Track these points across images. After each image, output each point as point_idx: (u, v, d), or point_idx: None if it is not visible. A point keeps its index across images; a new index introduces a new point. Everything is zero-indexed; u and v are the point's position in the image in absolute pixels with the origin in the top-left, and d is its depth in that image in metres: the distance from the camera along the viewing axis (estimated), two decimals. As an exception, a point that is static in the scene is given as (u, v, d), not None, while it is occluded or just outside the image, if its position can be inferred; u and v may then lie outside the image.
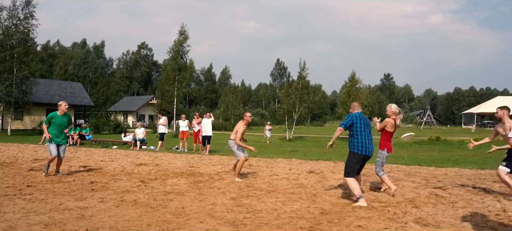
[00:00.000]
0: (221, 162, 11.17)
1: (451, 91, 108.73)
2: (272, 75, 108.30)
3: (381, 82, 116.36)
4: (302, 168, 9.93)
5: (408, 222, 4.78)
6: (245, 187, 7.07)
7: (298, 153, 15.60)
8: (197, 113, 17.95)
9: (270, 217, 4.97)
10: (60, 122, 8.11)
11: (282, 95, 34.66)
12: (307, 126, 67.34)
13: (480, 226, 4.70)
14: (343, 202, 6.00)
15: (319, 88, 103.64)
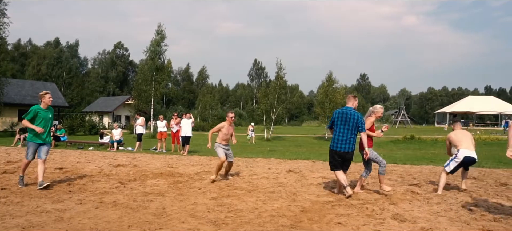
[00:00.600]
0: (200, 163, 11.14)
1: (424, 91, 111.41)
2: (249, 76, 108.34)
3: (357, 82, 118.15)
4: (281, 167, 10.01)
5: (385, 218, 4.90)
6: (226, 187, 7.09)
7: (276, 153, 15.70)
8: (175, 113, 17.82)
9: (251, 216, 5.01)
10: (45, 116, 6.79)
11: (260, 96, 34.78)
12: (285, 126, 67.81)
13: (454, 220, 4.87)
14: (323, 200, 6.09)
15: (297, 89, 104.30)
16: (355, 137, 6.21)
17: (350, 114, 6.18)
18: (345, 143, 6.14)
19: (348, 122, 6.15)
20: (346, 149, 6.16)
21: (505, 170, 9.87)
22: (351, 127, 6.15)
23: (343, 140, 6.15)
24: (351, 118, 6.15)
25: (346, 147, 6.15)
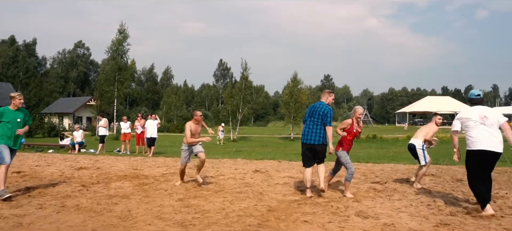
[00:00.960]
0: (165, 164, 11.00)
1: (385, 92, 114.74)
2: (215, 76, 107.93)
3: (321, 83, 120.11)
4: (248, 168, 10.06)
5: (350, 216, 5.04)
6: (192, 188, 7.05)
7: (243, 153, 15.74)
8: (139, 114, 17.51)
9: (219, 217, 5.02)
10: (13, 118, 6.23)
11: (226, 96, 34.77)
12: (251, 126, 67.95)
13: (414, 215, 5.08)
14: (289, 199, 6.18)
15: (262, 89, 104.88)
16: (323, 130, 6.12)
17: (318, 107, 6.20)
18: (312, 135, 6.15)
19: (315, 114, 6.18)
20: (313, 141, 6.14)
21: (460, 167, 10.34)
22: (316, 120, 6.15)
23: (310, 132, 6.17)
24: (317, 111, 6.17)
25: (313, 139, 6.14)
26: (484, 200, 5.06)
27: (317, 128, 6.15)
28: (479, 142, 5.12)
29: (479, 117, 5.22)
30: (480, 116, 5.22)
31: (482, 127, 5.16)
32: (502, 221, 4.81)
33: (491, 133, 5.13)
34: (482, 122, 5.18)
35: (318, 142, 6.14)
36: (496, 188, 7.15)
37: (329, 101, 6.33)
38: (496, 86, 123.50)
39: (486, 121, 5.19)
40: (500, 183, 7.82)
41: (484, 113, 5.24)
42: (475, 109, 5.35)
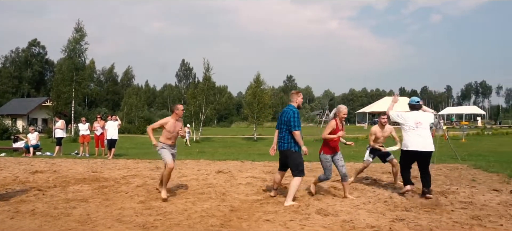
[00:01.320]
0: (126, 166, 10.78)
1: (346, 92, 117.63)
2: (177, 76, 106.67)
3: (284, 83, 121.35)
4: (211, 168, 10.04)
5: (311, 213, 5.16)
6: (154, 190, 6.96)
7: (206, 154, 15.68)
8: (98, 115, 17.04)
9: (181, 218, 5.00)
10: None
11: (188, 97, 34.43)
12: (214, 127, 67.71)
13: (372, 212, 5.27)
14: (252, 198, 6.24)
15: (225, 90, 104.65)
16: (285, 135, 5.88)
17: (284, 112, 6.01)
18: (280, 141, 5.98)
19: (281, 119, 6.01)
20: (280, 147, 5.98)
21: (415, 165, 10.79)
22: (282, 126, 5.95)
23: (279, 138, 6.00)
24: (282, 118, 5.99)
25: (280, 145, 5.98)
26: (406, 182, 6.47)
27: (283, 134, 5.95)
28: (411, 144, 6.13)
29: (414, 122, 6.15)
30: (415, 121, 6.15)
31: (415, 131, 6.13)
32: (453, 215, 5.08)
33: (422, 135, 6.09)
34: (416, 127, 6.12)
35: (283, 148, 5.93)
36: (447, 184, 7.54)
37: (299, 102, 6.08)
38: (450, 87, 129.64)
39: (420, 125, 6.13)
40: (452, 179, 8.24)
41: (419, 120, 6.17)
42: (412, 115, 6.24)
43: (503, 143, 23.54)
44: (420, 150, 6.08)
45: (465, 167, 10.31)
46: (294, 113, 5.87)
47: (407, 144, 6.20)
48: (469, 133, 31.16)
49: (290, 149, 5.86)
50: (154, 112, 74.54)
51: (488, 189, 6.93)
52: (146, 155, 15.25)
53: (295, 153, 5.85)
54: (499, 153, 15.69)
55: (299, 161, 5.85)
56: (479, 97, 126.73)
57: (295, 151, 5.85)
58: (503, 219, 4.85)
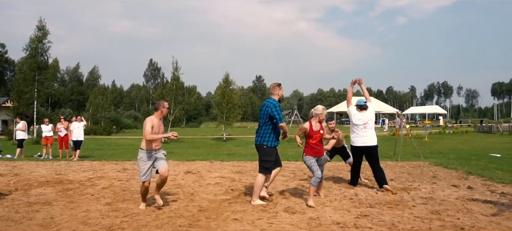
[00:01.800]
0: (92, 168, 10.53)
1: (315, 93, 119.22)
2: (145, 76, 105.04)
3: (253, 84, 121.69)
4: (179, 169, 9.96)
5: (278, 212, 5.24)
6: (121, 192, 6.85)
7: (174, 155, 15.52)
8: (62, 116, 16.55)
9: (149, 219, 4.96)
10: None
11: (156, 97, 33.96)
12: (183, 128, 67.03)
13: (338, 209, 5.41)
14: (220, 198, 6.26)
15: (194, 90, 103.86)
16: (263, 128, 5.72)
17: (264, 105, 5.83)
18: (256, 135, 5.84)
19: (260, 113, 5.84)
20: (255, 141, 5.85)
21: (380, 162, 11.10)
22: (260, 118, 5.81)
23: (256, 132, 5.86)
24: (262, 109, 5.81)
25: (255, 140, 5.84)
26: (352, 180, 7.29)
27: (258, 127, 5.81)
28: (357, 140, 6.88)
29: (362, 122, 6.84)
30: (363, 121, 6.85)
31: (363, 130, 6.83)
32: (414, 210, 5.28)
33: (367, 133, 6.81)
34: (364, 127, 6.82)
35: (256, 142, 5.83)
36: (410, 181, 7.82)
37: (280, 95, 5.89)
38: (414, 87, 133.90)
39: (367, 125, 6.84)
40: (414, 176, 8.54)
41: (366, 119, 6.86)
42: (360, 115, 6.90)
43: (462, 141, 24.56)
44: (366, 145, 6.82)
45: (427, 164, 10.71)
46: (275, 106, 5.68)
47: (354, 141, 6.93)
48: (431, 132, 32.27)
49: (262, 143, 5.71)
50: (121, 113, 73.01)
51: (448, 185, 7.24)
52: (113, 156, 14.96)
53: (267, 148, 5.70)
54: (459, 151, 16.38)
55: (267, 157, 5.71)
56: (441, 97, 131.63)
57: (266, 145, 5.70)
58: (460, 213, 5.09)
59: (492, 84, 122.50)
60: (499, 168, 9.59)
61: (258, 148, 5.82)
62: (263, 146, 5.73)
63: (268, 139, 5.71)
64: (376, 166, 6.88)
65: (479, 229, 4.37)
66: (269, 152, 5.73)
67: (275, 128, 5.75)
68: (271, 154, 5.75)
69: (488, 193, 6.51)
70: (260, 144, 5.75)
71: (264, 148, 5.73)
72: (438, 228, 4.40)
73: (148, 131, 5.42)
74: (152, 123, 5.51)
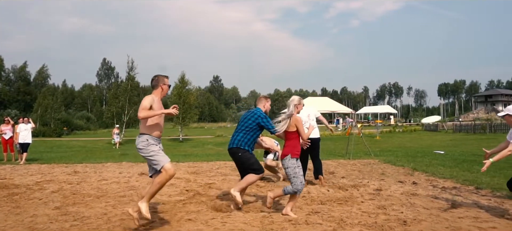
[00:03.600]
0: (40, 171, 10.11)
1: (272, 93, 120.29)
2: (98, 76, 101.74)
3: (210, 84, 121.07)
4: (133, 171, 9.80)
5: (232, 211, 5.31)
6: (71, 195, 6.65)
7: (129, 156, 15.19)
8: (7, 117, 15.74)
9: (100, 222, 4.87)
10: None
11: (110, 97, 33.02)
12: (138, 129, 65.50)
13: (283, 205, 5.54)
14: (175, 199, 6.24)
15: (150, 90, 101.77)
16: (239, 134, 5.47)
17: (250, 112, 5.62)
18: (231, 139, 5.57)
19: (244, 119, 5.61)
20: (229, 144, 5.59)
21: (333, 161, 11.49)
22: (241, 124, 5.58)
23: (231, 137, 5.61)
24: (246, 115, 5.60)
25: (230, 143, 5.57)
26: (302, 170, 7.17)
27: (235, 132, 5.57)
28: None
29: (306, 116, 7.22)
30: (307, 115, 7.29)
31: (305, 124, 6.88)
32: (362, 206, 5.53)
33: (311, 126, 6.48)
34: (306, 120, 7.15)
35: (230, 146, 5.56)
36: (360, 178, 8.14)
37: (266, 107, 5.68)
38: (367, 88, 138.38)
39: (309, 120, 7.31)
40: (364, 173, 8.90)
41: (308, 113, 7.38)
42: (305, 111, 7.16)
43: (411, 139, 25.78)
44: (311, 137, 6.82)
45: (377, 161, 11.18)
46: (266, 118, 5.45)
47: None
48: (383, 131, 33.59)
49: (239, 147, 5.41)
50: (72, 113, 70.27)
51: (394, 181, 7.62)
52: (63, 158, 14.43)
53: (244, 152, 5.42)
54: (407, 148, 17.19)
55: (250, 160, 5.41)
56: (392, 97, 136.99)
57: (244, 149, 5.42)
58: (404, 207, 5.39)
59: (439, 85, 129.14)
60: (441, 164, 10.19)
61: (233, 152, 5.49)
62: (239, 150, 5.42)
63: (245, 144, 5.43)
64: (317, 158, 7.61)
65: (420, 221, 4.66)
66: (248, 156, 5.43)
67: (255, 137, 5.53)
68: (250, 155, 5.45)
69: (431, 187, 6.92)
70: (237, 147, 5.43)
71: (240, 154, 5.43)
72: (383, 222, 4.63)
73: (144, 106, 4.32)
74: (151, 100, 4.46)
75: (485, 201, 5.72)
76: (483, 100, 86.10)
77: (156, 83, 4.64)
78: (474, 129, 31.70)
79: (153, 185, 4.39)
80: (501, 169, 9.00)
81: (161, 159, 4.27)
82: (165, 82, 4.66)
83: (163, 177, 4.28)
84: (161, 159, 4.27)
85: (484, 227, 4.40)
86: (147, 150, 4.32)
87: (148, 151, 4.31)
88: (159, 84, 4.63)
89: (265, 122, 5.42)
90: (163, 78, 4.65)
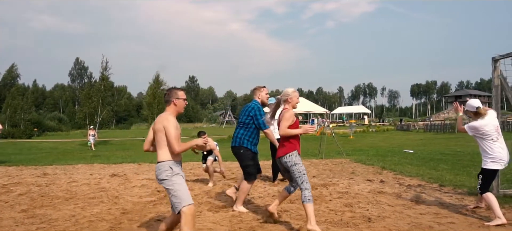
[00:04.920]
0: (7, 174, 9.86)
1: (248, 93, 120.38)
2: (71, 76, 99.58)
3: (186, 84, 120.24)
4: (105, 172, 9.69)
5: (202, 211, 5.36)
6: (39, 198, 6.54)
7: (101, 158, 14.97)
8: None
9: (68, 224, 4.83)
10: None
11: (82, 97, 32.40)
12: (112, 129, 64.43)
13: (260, 206, 5.64)
14: (145, 200, 6.23)
15: (125, 90, 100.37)
16: (239, 131, 5.34)
17: (246, 106, 5.48)
18: (233, 137, 5.45)
19: (240, 114, 5.54)
20: (231, 143, 5.46)
21: (306, 160, 11.65)
22: (240, 120, 5.45)
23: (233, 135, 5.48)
24: (243, 110, 5.45)
25: (232, 142, 5.44)
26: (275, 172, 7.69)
27: (236, 130, 5.44)
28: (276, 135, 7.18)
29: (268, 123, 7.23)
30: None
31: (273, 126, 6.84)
32: (330, 204, 5.67)
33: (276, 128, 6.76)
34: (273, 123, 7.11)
35: (232, 144, 5.40)
36: (330, 177, 8.31)
37: (262, 97, 5.45)
38: (342, 88, 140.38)
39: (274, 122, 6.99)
40: (335, 172, 9.08)
41: None
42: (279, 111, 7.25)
43: (383, 138, 26.35)
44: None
45: (348, 161, 11.42)
46: (259, 109, 5.25)
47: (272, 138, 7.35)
48: (356, 130, 34.19)
49: (241, 145, 5.24)
50: (43, 114, 68.46)
51: (363, 180, 7.82)
52: (32, 161, 14.09)
53: (245, 150, 5.21)
54: (378, 148, 17.57)
55: (247, 161, 5.21)
56: (367, 97, 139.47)
57: (245, 148, 5.22)
58: (370, 205, 5.56)
59: (411, 86, 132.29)
60: (410, 163, 10.51)
61: (235, 151, 5.34)
62: (241, 148, 5.25)
63: (247, 141, 5.27)
64: None
65: (384, 218, 4.83)
66: (248, 155, 5.24)
67: (256, 131, 5.31)
68: (252, 158, 5.26)
69: (397, 185, 7.14)
70: (239, 146, 5.25)
71: (241, 151, 5.25)
72: (349, 219, 4.78)
73: (175, 136, 3.55)
74: (175, 122, 3.66)
75: (447, 198, 5.97)
76: (453, 101, 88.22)
77: (168, 98, 3.77)
78: (444, 128, 32.64)
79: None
80: (465, 167, 9.38)
81: (182, 197, 3.51)
82: (178, 96, 3.77)
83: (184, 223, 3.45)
84: (183, 197, 3.51)
85: (443, 222, 4.60)
86: (171, 182, 3.56)
87: (172, 183, 3.55)
88: (171, 100, 3.75)
89: (257, 116, 5.22)
90: (176, 91, 3.79)
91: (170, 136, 3.52)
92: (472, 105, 4.89)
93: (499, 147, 4.75)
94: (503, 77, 5.72)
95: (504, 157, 4.75)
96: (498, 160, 4.72)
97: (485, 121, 4.78)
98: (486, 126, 4.76)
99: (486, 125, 4.76)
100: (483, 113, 4.82)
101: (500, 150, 4.74)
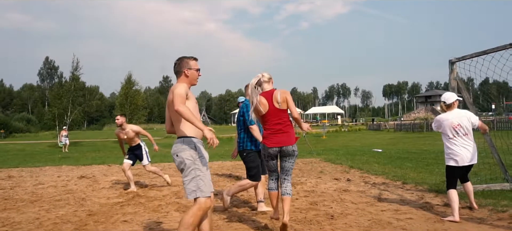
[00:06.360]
0: (-29, 177, 9.58)
1: (223, 93, 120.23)
2: (40, 75, 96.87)
3: (160, 84, 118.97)
4: (73, 174, 9.55)
5: (169, 211, 5.39)
6: (2, 200, 6.40)
7: (70, 159, 14.70)
8: None
9: (31, 227, 4.77)
10: None
11: (52, 98, 31.60)
12: (83, 131, 63.09)
13: (235, 203, 5.71)
14: (113, 201, 6.20)
15: (97, 90, 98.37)
16: (240, 134, 5.31)
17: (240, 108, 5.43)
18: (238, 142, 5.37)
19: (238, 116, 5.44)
20: (238, 148, 5.38)
21: (277, 160, 11.78)
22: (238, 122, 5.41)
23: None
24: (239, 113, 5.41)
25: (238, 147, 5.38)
26: None
27: (239, 133, 5.37)
28: None
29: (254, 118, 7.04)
30: None
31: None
32: (296, 203, 5.79)
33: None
34: None
35: (239, 148, 5.33)
36: (299, 176, 8.46)
37: (248, 95, 5.09)
38: (315, 88, 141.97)
39: None
40: (304, 171, 9.25)
41: None
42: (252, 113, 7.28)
43: (355, 138, 26.88)
44: None
45: (318, 160, 11.63)
46: (246, 106, 5.21)
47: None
48: (329, 130, 34.74)
49: (245, 148, 5.22)
50: (10, 115, 66.35)
51: (330, 179, 8.00)
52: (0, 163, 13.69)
53: (248, 153, 5.19)
54: (349, 147, 17.94)
55: (250, 164, 5.19)
56: (340, 97, 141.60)
57: (248, 149, 5.20)
58: (334, 203, 5.71)
59: (383, 86, 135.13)
60: (377, 162, 10.80)
61: (241, 156, 5.32)
62: (244, 151, 5.22)
63: (249, 143, 5.22)
64: None
65: (346, 215, 4.98)
66: (251, 156, 5.20)
67: None
68: (253, 159, 5.21)
69: (363, 184, 7.35)
70: (242, 150, 5.25)
71: (244, 155, 5.23)
72: (312, 217, 4.91)
73: (181, 95, 3.16)
74: (186, 88, 3.31)
75: (408, 195, 6.19)
76: (424, 101, 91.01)
77: (179, 68, 3.40)
78: (413, 127, 33.57)
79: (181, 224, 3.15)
80: (428, 165, 9.72)
81: (205, 186, 3.16)
82: (190, 66, 3.39)
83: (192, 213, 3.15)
84: (205, 186, 3.16)
85: (402, 218, 4.79)
86: (196, 165, 3.16)
87: (197, 167, 3.17)
88: (182, 70, 3.38)
89: (245, 114, 5.18)
90: (187, 61, 3.40)
91: (176, 94, 3.12)
92: (443, 96, 4.93)
93: (455, 144, 4.77)
94: (459, 79, 5.99)
95: (461, 155, 4.71)
96: (452, 157, 4.81)
97: (445, 116, 4.82)
98: (445, 121, 4.78)
99: (445, 120, 4.79)
100: (445, 109, 4.89)
101: (455, 148, 4.76)
